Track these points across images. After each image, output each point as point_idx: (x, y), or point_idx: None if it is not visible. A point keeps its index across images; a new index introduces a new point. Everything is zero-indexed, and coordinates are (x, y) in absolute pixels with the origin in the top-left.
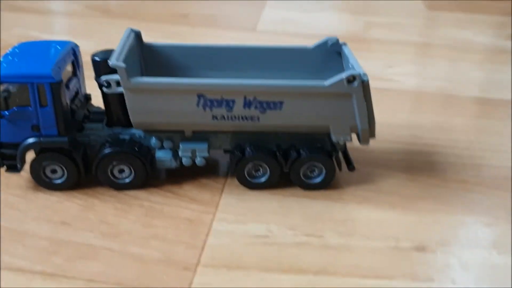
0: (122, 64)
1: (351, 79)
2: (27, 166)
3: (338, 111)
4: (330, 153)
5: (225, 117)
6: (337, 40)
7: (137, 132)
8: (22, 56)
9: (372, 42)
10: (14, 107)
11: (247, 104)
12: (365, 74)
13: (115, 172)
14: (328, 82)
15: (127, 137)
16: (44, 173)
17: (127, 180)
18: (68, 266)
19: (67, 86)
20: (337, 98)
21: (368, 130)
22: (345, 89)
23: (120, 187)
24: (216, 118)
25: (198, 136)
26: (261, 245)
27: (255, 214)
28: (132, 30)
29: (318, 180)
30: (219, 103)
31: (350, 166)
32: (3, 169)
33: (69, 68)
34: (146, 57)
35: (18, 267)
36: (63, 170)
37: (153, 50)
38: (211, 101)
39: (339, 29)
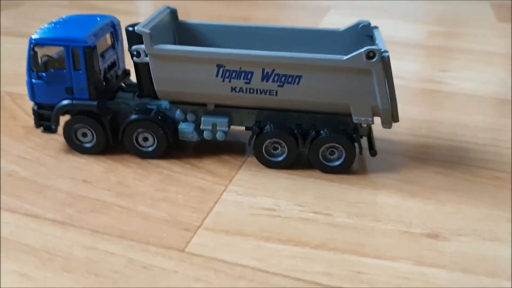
0: (147, 30)
1: (370, 55)
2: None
3: (357, 89)
4: (351, 135)
5: (244, 89)
6: (369, 24)
7: (164, 103)
8: (64, 24)
9: (432, 49)
10: (51, 69)
11: (266, 77)
12: (386, 51)
13: (140, 140)
14: (347, 57)
15: (153, 107)
16: (76, 136)
17: (150, 149)
18: (78, 217)
19: (103, 55)
20: (356, 74)
21: (389, 111)
22: (364, 65)
23: (144, 155)
24: (235, 90)
25: (220, 110)
26: (266, 216)
27: (266, 189)
28: (167, 7)
29: (337, 163)
30: (238, 74)
31: (372, 151)
32: (41, 129)
33: (107, 39)
34: (181, 34)
35: (34, 213)
36: (92, 134)
37: (188, 27)
38: (230, 71)
39: (400, 35)
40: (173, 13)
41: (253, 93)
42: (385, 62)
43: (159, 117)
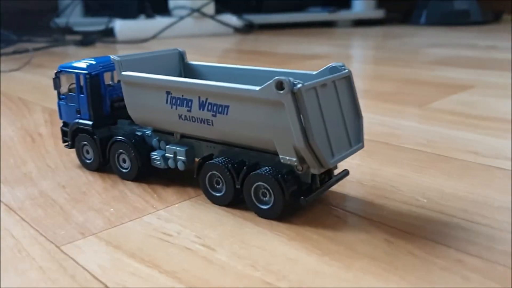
0: (117, 58)
1: (279, 86)
2: None
3: (276, 123)
4: (280, 175)
5: (188, 117)
6: (337, 65)
7: (148, 130)
8: (87, 59)
9: None
10: (70, 93)
11: (202, 105)
12: (299, 82)
13: (120, 161)
14: (260, 87)
15: (139, 133)
16: (82, 152)
17: (125, 170)
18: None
19: (113, 86)
20: (272, 107)
21: (306, 151)
22: (274, 96)
23: (121, 175)
24: (181, 117)
25: (184, 141)
26: (157, 239)
27: (188, 219)
28: (176, 49)
29: (265, 206)
30: (181, 101)
31: (302, 198)
32: (64, 145)
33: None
34: (187, 75)
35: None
36: (91, 152)
37: (193, 68)
38: (176, 99)
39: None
40: (181, 54)
41: (195, 122)
42: (297, 95)
43: (132, 140)
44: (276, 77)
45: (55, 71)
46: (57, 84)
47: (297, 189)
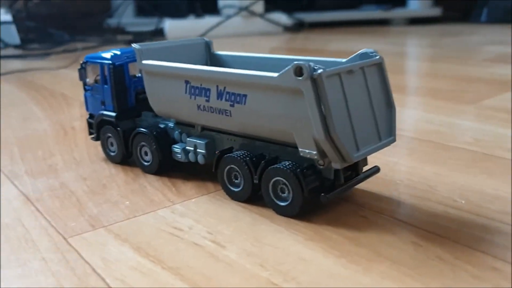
0: (138, 46)
1: (297, 71)
2: None
3: (295, 113)
4: (299, 170)
5: (206, 108)
6: (367, 52)
7: (171, 123)
8: (113, 50)
9: None
10: (95, 84)
11: (220, 94)
12: (320, 68)
13: (142, 153)
14: (278, 74)
15: (162, 126)
16: (107, 144)
17: (147, 163)
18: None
19: (138, 77)
20: (291, 96)
21: (327, 144)
22: (293, 83)
23: (143, 168)
24: (200, 108)
25: (205, 134)
26: (168, 234)
27: (203, 214)
28: (203, 38)
29: (284, 203)
30: (200, 91)
31: (323, 195)
32: (91, 137)
33: None
34: (213, 64)
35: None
36: (115, 144)
37: (219, 58)
38: (194, 88)
39: None
40: (207, 44)
41: (214, 113)
42: (317, 82)
43: (154, 133)
44: (295, 62)
45: (81, 62)
46: (82, 75)
47: (318, 185)
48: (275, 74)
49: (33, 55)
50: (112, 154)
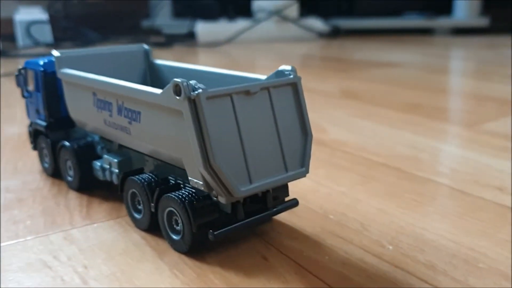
0: (58, 53)
1: (177, 90)
2: None
3: (181, 138)
4: (188, 201)
5: (110, 123)
6: (284, 70)
7: (96, 136)
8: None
9: None
10: (32, 90)
11: (119, 109)
12: (200, 87)
13: (67, 167)
14: (161, 90)
15: (90, 139)
16: (42, 155)
17: (70, 179)
18: None
19: None
20: (176, 117)
21: (207, 174)
22: (174, 103)
23: (68, 183)
24: (106, 123)
25: (122, 151)
26: (42, 264)
27: (90, 243)
28: (142, 46)
29: (177, 236)
30: (104, 104)
31: (211, 231)
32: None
33: None
34: (152, 73)
35: None
36: (48, 155)
37: (158, 67)
38: (100, 101)
39: None
40: (146, 52)
41: (117, 129)
42: (196, 103)
43: (75, 146)
44: (174, 79)
45: (19, 67)
46: (20, 81)
47: (212, 220)
48: (159, 91)
49: None
50: (46, 165)
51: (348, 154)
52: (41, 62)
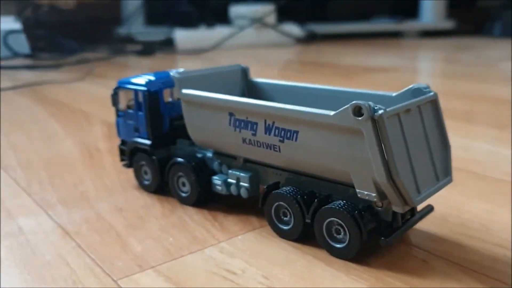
0: (177, 75)
1: (357, 111)
2: None
3: (353, 153)
4: (356, 211)
5: (252, 142)
6: (420, 87)
7: (209, 152)
8: (146, 75)
9: None
10: (128, 109)
11: (268, 129)
12: (380, 108)
13: (180, 184)
14: (334, 112)
15: (200, 155)
16: (140, 172)
17: (184, 195)
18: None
19: (172, 104)
20: (349, 135)
21: (389, 187)
22: (352, 123)
23: (181, 199)
24: (246, 141)
25: (248, 166)
26: (219, 277)
27: (252, 255)
28: (239, 65)
29: (340, 245)
30: (245, 124)
31: (382, 239)
32: (122, 163)
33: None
34: (250, 91)
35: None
36: (150, 173)
37: (256, 85)
38: (239, 121)
39: None
40: (244, 71)
41: (261, 147)
42: (379, 123)
43: (193, 163)
44: (354, 102)
45: (114, 87)
46: (115, 101)
47: (375, 227)
48: (331, 112)
49: (44, 65)
50: (146, 182)
51: None
52: (142, 81)
